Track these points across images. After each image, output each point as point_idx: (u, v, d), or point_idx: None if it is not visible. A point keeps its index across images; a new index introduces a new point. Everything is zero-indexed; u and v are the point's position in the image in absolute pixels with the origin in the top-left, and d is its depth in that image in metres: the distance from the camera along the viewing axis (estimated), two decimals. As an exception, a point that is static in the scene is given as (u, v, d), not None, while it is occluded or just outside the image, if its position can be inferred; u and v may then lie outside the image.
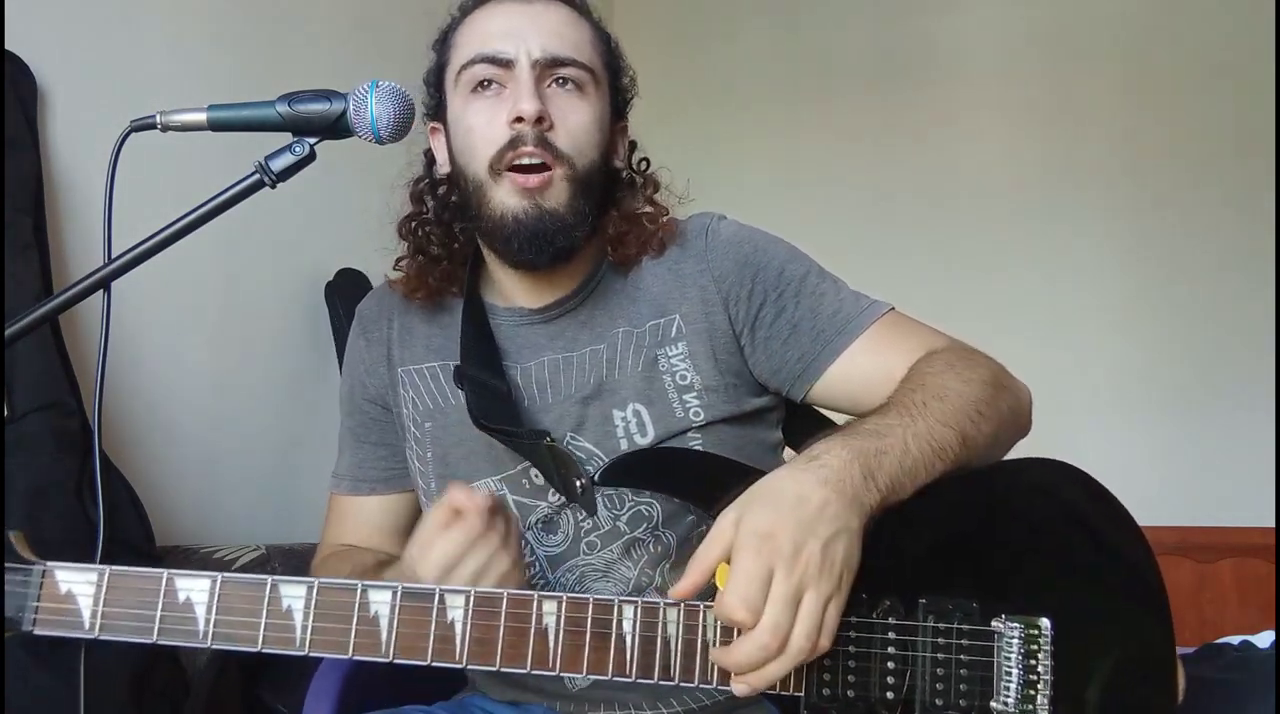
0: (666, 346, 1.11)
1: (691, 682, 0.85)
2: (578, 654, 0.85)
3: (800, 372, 1.11)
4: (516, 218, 1.06)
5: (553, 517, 1.11)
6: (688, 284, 1.12)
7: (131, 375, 1.77)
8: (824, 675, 0.86)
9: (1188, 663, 1.34)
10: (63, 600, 0.84)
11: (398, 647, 0.84)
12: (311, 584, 0.84)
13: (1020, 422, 1.08)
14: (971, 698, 0.87)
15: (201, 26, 1.98)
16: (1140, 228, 2.95)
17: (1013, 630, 0.88)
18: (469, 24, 1.13)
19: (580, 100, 1.09)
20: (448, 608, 0.84)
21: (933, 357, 1.06)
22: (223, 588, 0.84)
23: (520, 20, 1.09)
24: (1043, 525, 0.95)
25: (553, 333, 1.15)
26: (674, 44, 3.45)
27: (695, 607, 0.86)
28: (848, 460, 0.87)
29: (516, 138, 1.04)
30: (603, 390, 1.11)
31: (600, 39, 1.15)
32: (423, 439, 1.17)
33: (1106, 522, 0.95)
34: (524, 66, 1.06)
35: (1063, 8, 3.10)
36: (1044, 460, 0.98)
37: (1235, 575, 2.72)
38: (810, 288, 1.12)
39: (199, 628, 0.84)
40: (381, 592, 0.84)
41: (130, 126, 0.92)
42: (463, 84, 1.09)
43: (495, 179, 1.06)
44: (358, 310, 1.27)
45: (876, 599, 0.88)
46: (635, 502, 1.09)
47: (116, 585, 0.85)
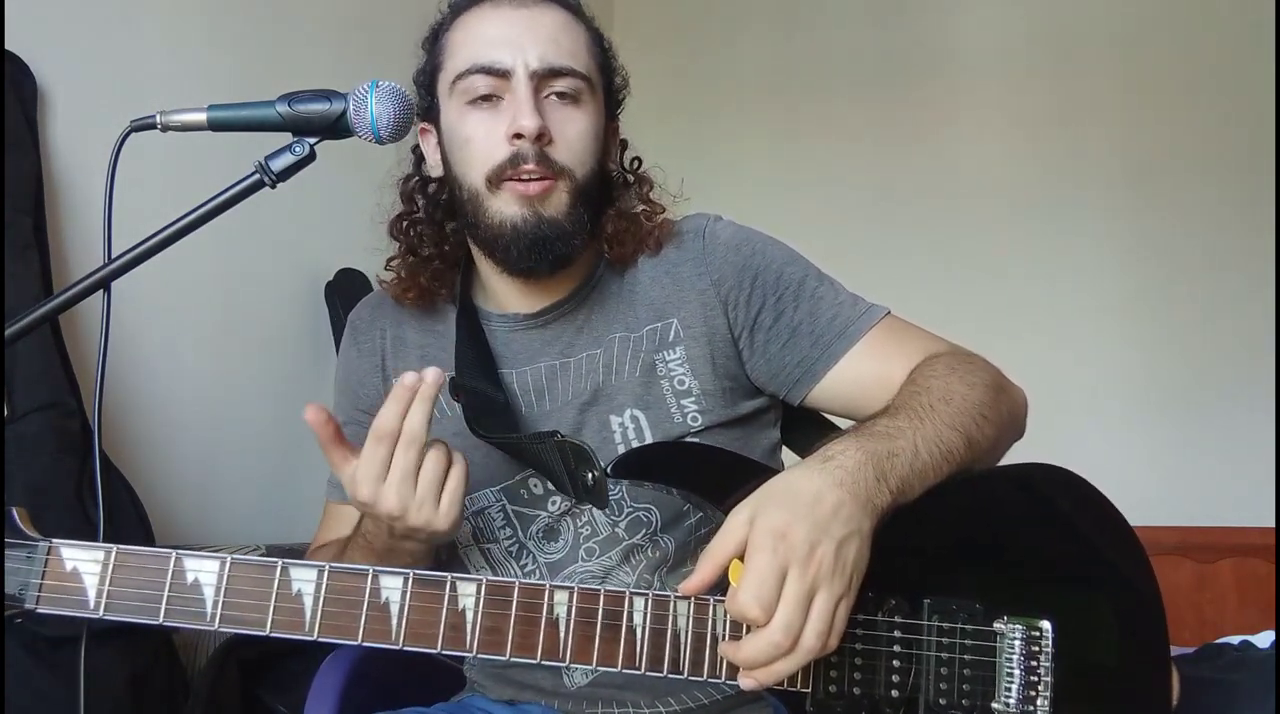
0: (665, 351, 1.11)
1: (700, 675, 0.86)
2: (588, 645, 0.85)
3: (799, 376, 1.11)
4: (515, 226, 1.05)
5: (553, 525, 1.11)
6: (685, 288, 1.12)
7: (131, 375, 1.77)
8: (830, 673, 0.87)
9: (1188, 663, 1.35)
10: (67, 578, 0.84)
11: (408, 634, 0.84)
12: (322, 568, 0.84)
13: (1018, 425, 1.09)
14: (974, 697, 0.88)
15: (201, 26, 1.98)
16: (1140, 228, 2.95)
17: (1015, 631, 0.88)
18: (462, 27, 1.11)
19: (577, 111, 1.08)
20: (459, 595, 0.85)
21: (934, 361, 1.06)
22: (232, 570, 0.84)
23: (516, 27, 1.07)
24: (1043, 529, 0.97)
25: (548, 338, 1.14)
26: (673, 44, 3.45)
27: (705, 601, 0.87)
28: (861, 462, 0.88)
29: (517, 154, 1.04)
30: (600, 396, 1.11)
31: (595, 41, 1.14)
32: None
33: (1103, 526, 0.97)
34: (521, 78, 1.05)
35: (1063, 8, 3.10)
36: (1044, 466, 0.99)
37: (1235, 575, 2.72)
38: (809, 291, 1.12)
39: (206, 610, 0.83)
40: (393, 578, 0.84)
41: (130, 126, 0.92)
42: (458, 93, 1.08)
43: (494, 191, 1.06)
44: (350, 319, 1.25)
45: (882, 598, 0.89)
46: (634, 507, 1.09)
47: (123, 564, 0.84)
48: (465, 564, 1.16)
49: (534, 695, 1.13)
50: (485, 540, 1.14)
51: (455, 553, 1.16)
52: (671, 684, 1.08)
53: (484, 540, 1.14)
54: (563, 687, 1.10)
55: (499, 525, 1.13)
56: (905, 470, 0.90)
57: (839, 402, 1.11)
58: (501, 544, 1.13)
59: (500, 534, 1.13)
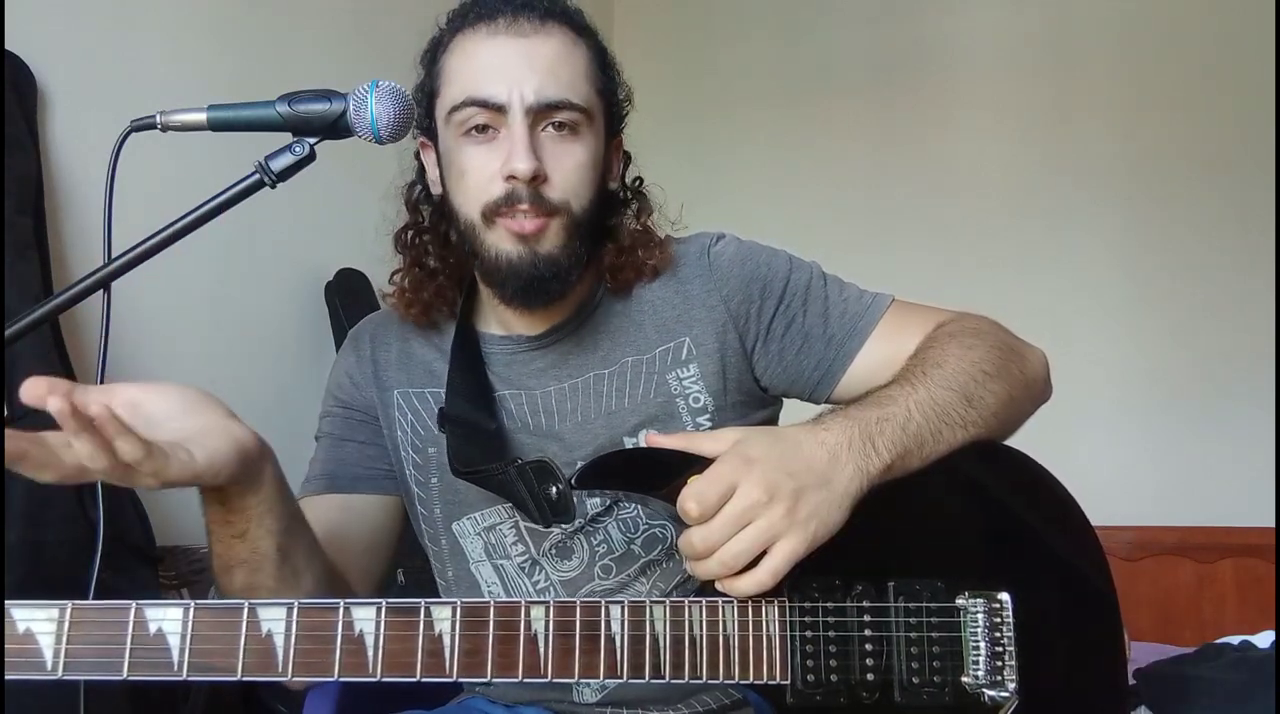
0: (679, 370, 1.11)
1: (681, 678, 0.86)
2: (568, 659, 0.84)
3: (818, 379, 1.12)
4: (510, 262, 1.04)
5: (566, 543, 1.11)
6: (695, 306, 1.12)
7: (131, 375, 1.77)
8: (807, 662, 0.88)
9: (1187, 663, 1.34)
10: (21, 641, 0.79)
11: (385, 664, 0.82)
12: (291, 605, 0.81)
13: (1035, 384, 1.08)
14: (945, 673, 0.89)
15: (201, 26, 1.98)
16: (1140, 226, 2.95)
17: (976, 606, 0.91)
18: (459, 51, 1.07)
19: (575, 143, 1.05)
20: (435, 620, 0.83)
21: (937, 330, 1.08)
22: (197, 615, 0.80)
23: (512, 58, 1.03)
24: (996, 507, 0.99)
25: (552, 359, 1.13)
26: (673, 49, 3.45)
27: (681, 604, 0.87)
28: (847, 426, 0.91)
29: (511, 194, 1.02)
30: (613, 420, 1.11)
31: (596, 62, 1.10)
32: (426, 465, 1.15)
33: (1053, 504, 0.99)
34: (517, 114, 1.02)
35: (1063, 7, 3.10)
36: (993, 445, 1.01)
37: (1235, 575, 2.72)
38: (816, 295, 1.13)
39: (173, 659, 0.79)
40: (365, 608, 0.82)
41: (130, 126, 0.92)
42: (454, 124, 1.05)
43: (489, 225, 1.05)
44: (352, 332, 1.24)
45: (850, 585, 0.90)
46: (650, 525, 1.10)
47: (80, 619, 0.79)
48: (476, 580, 1.15)
49: (540, 698, 1.13)
50: (498, 556, 1.13)
51: (465, 569, 1.15)
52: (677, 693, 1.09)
53: (496, 556, 1.13)
54: (573, 705, 1.10)
55: (511, 542, 1.12)
56: (897, 434, 0.92)
57: (860, 393, 1.12)
58: (514, 560, 1.12)
59: (513, 550, 1.12)
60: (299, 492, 1.19)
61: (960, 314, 1.12)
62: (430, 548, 1.19)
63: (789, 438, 0.90)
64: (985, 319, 1.11)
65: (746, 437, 0.90)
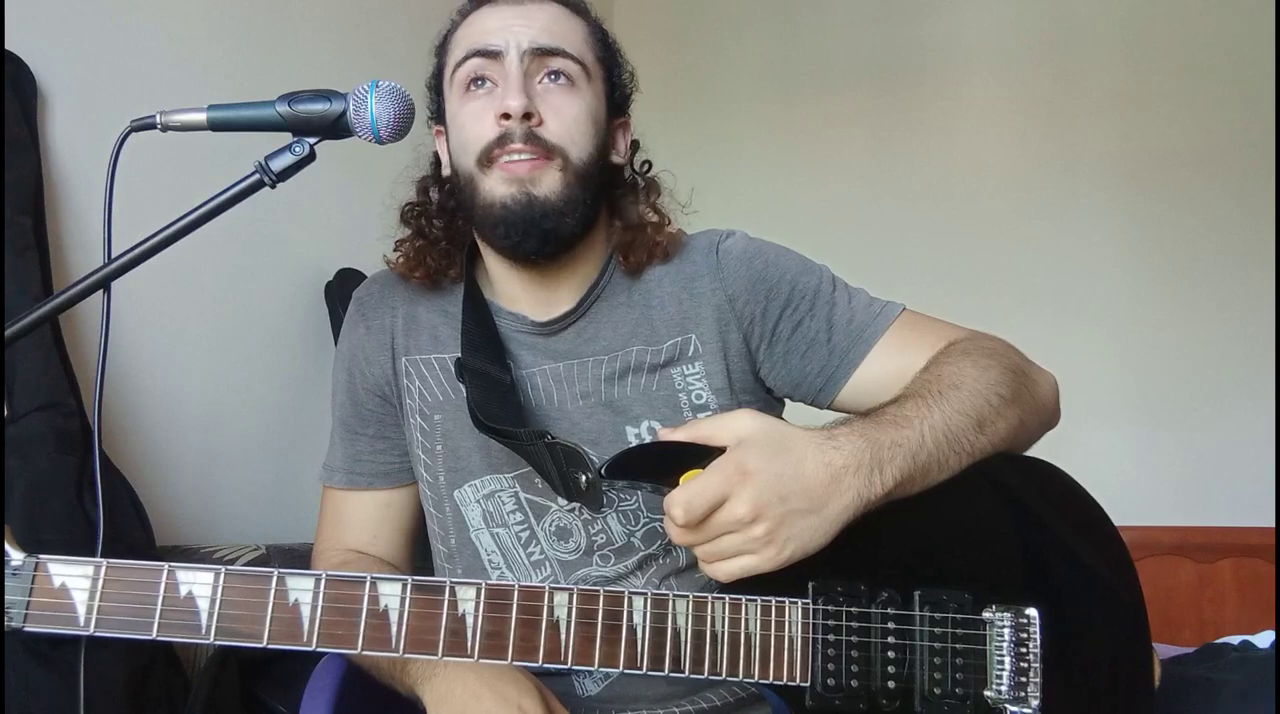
0: (683, 365, 1.11)
1: (701, 673, 0.86)
2: (589, 647, 0.85)
3: (821, 385, 1.12)
4: (505, 205, 1.04)
5: (565, 523, 1.11)
6: (702, 303, 1.12)
7: (131, 375, 1.77)
8: (828, 665, 0.88)
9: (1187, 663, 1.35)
10: (56, 595, 0.81)
11: (409, 641, 0.83)
12: (319, 576, 0.83)
13: (1044, 409, 1.08)
14: (968, 685, 0.89)
15: (201, 26, 1.98)
16: (1140, 227, 2.95)
17: (1003, 620, 0.90)
18: (464, 25, 1.13)
19: (571, 94, 1.07)
20: (459, 600, 0.84)
21: (950, 347, 1.07)
22: (227, 581, 0.82)
23: (512, 17, 1.09)
24: (1027, 521, 0.98)
25: (559, 348, 1.14)
26: (674, 45, 3.45)
27: (704, 598, 0.87)
28: (859, 448, 0.89)
29: (505, 134, 1.04)
30: (616, 407, 1.11)
31: (595, 34, 1.15)
32: (431, 431, 1.16)
33: (1084, 517, 0.98)
34: (512, 59, 1.05)
35: (1063, 7, 3.10)
36: (1027, 459, 1.00)
37: (1235, 575, 2.72)
38: (824, 299, 1.12)
39: (201, 622, 0.81)
40: (392, 584, 0.84)
41: (130, 126, 0.92)
42: (457, 83, 1.10)
43: (485, 171, 1.06)
44: (356, 296, 1.23)
45: (875, 591, 0.90)
46: (650, 518, 1.10)
47: (114, 579, 0.82)
48: (476, 548, 1.15)
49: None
50: (495, 525, 1.14)
51: (466, 537, 1.16)
52: (681, 689, 1.09)
53: (494, 525, 1.14)
54: (575, 695, 1.10)
55: (509, 510, 1.13)
56: (906, 463, 0.90)
57: (865, 402, 1.11)
58: (511, 529, 1.13)
59: (510, 519, 1.13)
60: (322, 475, 1.23)
61: (974, 333, 1.11)
62: (434, 515, 1.19)
63: (794, 450, 0.87)
64: (998, 340, 1.10)
65: (751, 436, 0.87)
